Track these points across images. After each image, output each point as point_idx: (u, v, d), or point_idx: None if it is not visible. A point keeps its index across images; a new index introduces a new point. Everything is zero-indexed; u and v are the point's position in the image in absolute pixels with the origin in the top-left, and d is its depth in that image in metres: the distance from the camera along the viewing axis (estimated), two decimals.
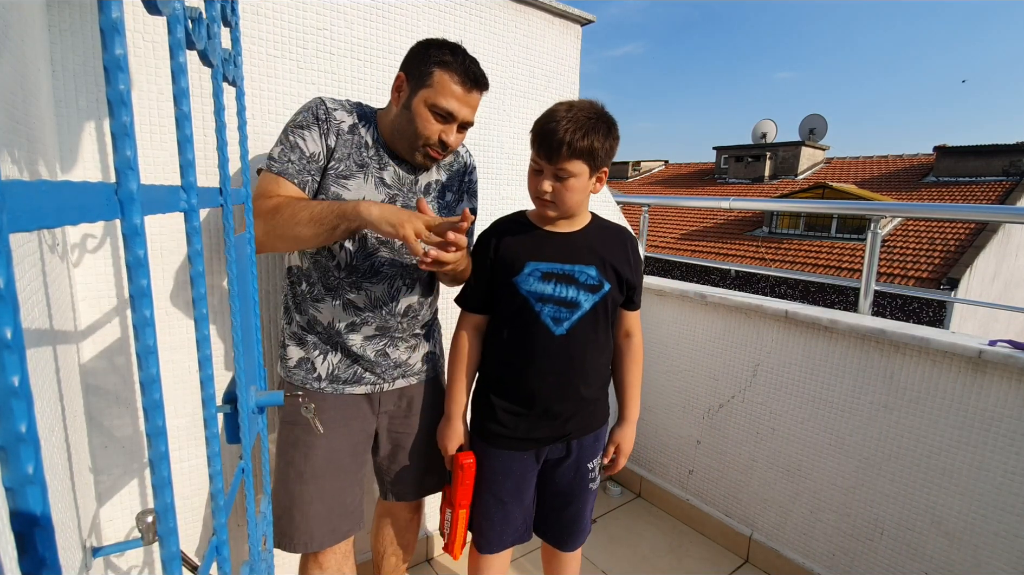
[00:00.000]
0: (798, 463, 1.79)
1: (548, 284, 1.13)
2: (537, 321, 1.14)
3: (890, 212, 1.84)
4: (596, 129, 1.06)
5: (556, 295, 1.13)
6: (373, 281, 1.15)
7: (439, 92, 1.06)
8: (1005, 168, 10.20)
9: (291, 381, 1.18)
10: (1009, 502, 1.36)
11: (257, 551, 0.82)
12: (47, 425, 0.74)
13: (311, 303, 1.16)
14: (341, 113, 1.11)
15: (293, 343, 1.18)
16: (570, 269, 1.14)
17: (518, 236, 1.17)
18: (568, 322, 1.14)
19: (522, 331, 1.16)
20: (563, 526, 1.31)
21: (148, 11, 0.41)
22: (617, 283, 1.18)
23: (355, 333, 1.17)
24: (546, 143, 1.06)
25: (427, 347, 1.30)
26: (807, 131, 14.07)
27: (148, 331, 0.36)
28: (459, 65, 1.06)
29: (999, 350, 1.36)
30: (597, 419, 1.26)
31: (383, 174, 1.15)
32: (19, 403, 0.22)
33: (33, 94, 0.83)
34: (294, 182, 1.06)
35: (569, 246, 1.16)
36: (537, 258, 1.14)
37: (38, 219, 0.24)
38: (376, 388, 1.22)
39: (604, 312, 1.17)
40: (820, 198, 10.16)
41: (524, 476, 1.24)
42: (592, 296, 1.15)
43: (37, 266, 0.76)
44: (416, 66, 1.08)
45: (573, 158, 1.05)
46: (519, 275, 1.14)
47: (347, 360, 1.18)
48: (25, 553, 0.23)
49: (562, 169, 1.06)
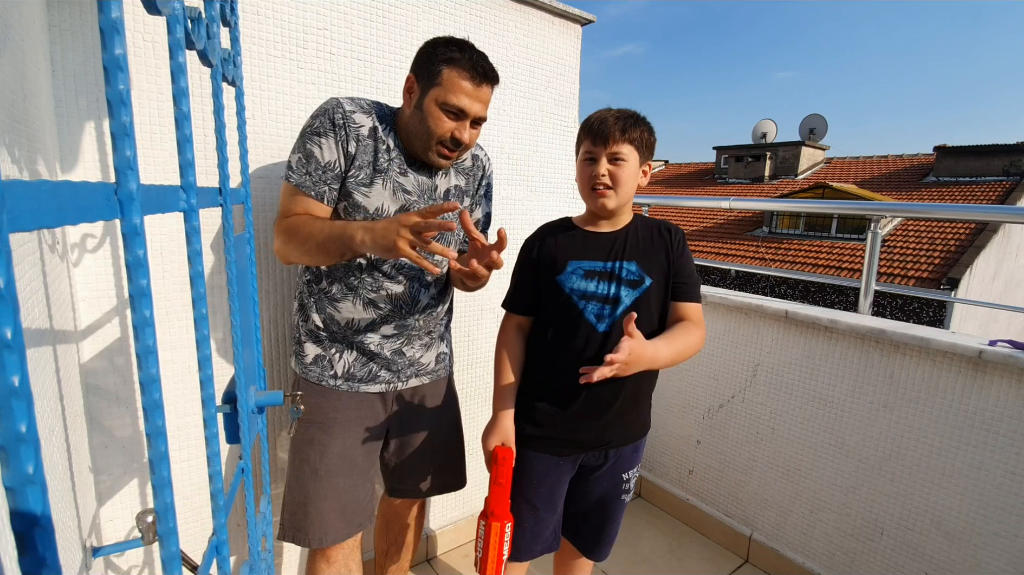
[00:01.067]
0: (798, 463, 1.79)
1: (591, 282, 1.15)
2: (580, 318, 1.15)
3: (890, 212, 1.84)
4: (642, 122, 1.14)
5: (598, 292, 1.15)
6: (395, 281, 1.16)
7: (449, 90, 1.06)
8: (1005, 168, 10.21)
9: (307, 378, 1.19)
10: (1009, 502, 1.36)
11: (257, 551, 0.82)
12: (47, 425, 0.74)
13: (329, 302, 1.16)
14: (360, 116, 1.10)
15: (309, 340, 1.19)
16: (611, 266, 1.15)
17: (560, 237, 1.20)
18: (610, 318, 1.14)
19: (566, 329, 1.16)
20: (593, 534, 1.30)
21: (148, 11, 0.41)
22: (662, 277, 1.17)
23: (374, 332, 1.18)
24: (602, 129, 1.11)
25: (440, 346, 1.31)
26: (807, 131, 14.07)
27: (148, 331, 0.36)
28: (467, 61, 1.06)
29: (999, 350, 1.36)
30: (637, 429, 1.24)
31: (403, 180, 1.14)
32: (19, 403, 0.22)
33: (33, 94, 0.83)
34: (311, 195, 1.07)
35: (610, 243, 1.17)
36: (579, 257, 1.17)
37: (38, 219, 0.24)
38: (390, 387, 1.23)
39: (647, 308, 1.16)
40: (820, 198, 10.16)
41: (559, 482, 1.23)
42: (633, 292, 1.14)
43: (37, 266, 0.76)
44: (425, 66, 1.08)
45: (626, 142, 1.11)
46: (562, 274, 1.16)
47: (363, 358, 1.19)
48: (25, 553, 0.23)
49: (617, 152, 1.11)
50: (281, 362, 1.42)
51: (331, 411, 1.18)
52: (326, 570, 1.21)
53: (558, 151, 1.89)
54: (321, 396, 1.18)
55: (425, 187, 1.17)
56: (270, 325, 1.39)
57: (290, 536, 1.18)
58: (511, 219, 1.81)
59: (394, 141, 1.14)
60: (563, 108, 1.87)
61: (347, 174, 1.10)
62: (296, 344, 1.22)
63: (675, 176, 16.98)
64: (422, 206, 1.16)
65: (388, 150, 1.13)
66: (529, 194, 1.85)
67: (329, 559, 1.20)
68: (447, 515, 1.92)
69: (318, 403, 1.18)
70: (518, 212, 1.83)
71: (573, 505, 1.29)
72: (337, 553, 1.21)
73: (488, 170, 1.32)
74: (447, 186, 1.22)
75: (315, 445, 1.17)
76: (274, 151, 1.32)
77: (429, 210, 0.93)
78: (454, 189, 1.23)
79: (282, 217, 1.09)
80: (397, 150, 1.14)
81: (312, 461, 1.17)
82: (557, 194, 1.93)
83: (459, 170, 1.25)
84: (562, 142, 1.90)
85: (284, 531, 1.20)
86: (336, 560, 1.21)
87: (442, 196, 1.20)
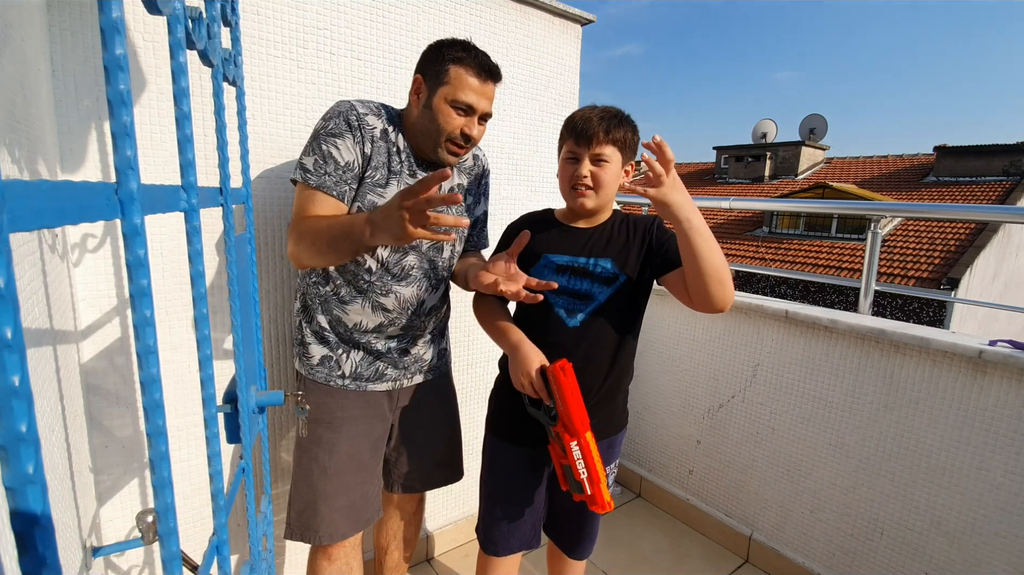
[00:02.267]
0: (798, 463, 1.79)
1: (562, 277, 1.15)
2: (551, 312, 1.15)
3: (890, 212, 1.84)
4: (626, 122, 1.12)
5: (569, 287, 1.15)
6: (403, 284, 1.17)
7: (457, 87, 1.09)
8: (1005, 168, 10.21)
9: (314, 379, 1.19)
10: (1009, 502, 1.36)
11: (258, 551, 0.82)
12: (47, 425, 0.74)
13: (337, 304, 1.17)
14: (372, 118, 1.12)
15: (315, 341, 1.19)
16: (584, 262, 1.15)
17: (539, 229, 1.20)
18: (582, 314, 1.14)
19: (536, 322, 1.17)
20: (572, 531, 1.31)
21: (148, 11, 0.41)
22: (636, 271, 1.14)
23: (380, 334, 1.19)
24: (585, 130, 1.10)
25: (441, 343, 1.34)
26: (807, 131, 14.07)
27: (148, 331, 0.36)
28: (473, 59, 1.09)
29: (999, 350, 1.36)
30: (614, 424, 1.24)
31: (412, 181, 1.16)
32: (19, 403, 0.22)
33: (34, 94, 0.83)
34: (333, 195, 1.07)
35: (586, 239, 1.17)
36: (553, 251, 1.17)
37: (38, 219, 0.24)
38: (397, 385, 1.24)
39: (621, 305, 1.15)
40: (820, 198, 10.16)
41: (535, 474, 1.24)
42: (607, 288, 1.14)
43: (37, 266, 0.76)
44: (432, 66, 1.11)
45: (609, 143, 1.10)
46: (535, 267, 1.17)
47: (369, 358, 1.20)
48: (25, 553, 0.23)
49: (599, 153, 1.10)
50: (281, 362, 1.42)
51: (339, 410, 1.18)
52: (328, 568, 1.22)
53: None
54: (328, 396, 1.18)
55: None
56: (270, 325, 1.39)
57: (299, 535, 1.19)
58: (511, 219, 1.80)
59: (403, 142, 1.16)
60: (563, 108, 1.87)
61: (364, 174, 1.11)
62: (299, 345, 1.22)
63: None
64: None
65: (399, 151, 1.15)
66: (529, 194, 1.85)
67: (331, 557, 1.21)
68: (447, 515, 1.93)
69: (325, 403, 1.18)
70: (518, 212, 1.81)
71: (553, 503, 1.30)
72: (339, 551, 1.21)
73: (487, 168, 1.36)
74: (451, 185, 1.25)
75: (323, 444, 1.18)
76: (274, 151, 1.32)
77: (423, 182, 0.87)
78: (458, 188, 1.27)
79: (297, 220, 1.07)
80: (406, 151, 1.16)
81: (321, 460, 1.18)
82: (557, 194, 1.92)
83: (462, 170, 1.28)
84: None
85: (292, 530, 1.20)
86: (338, 558, 1.22)
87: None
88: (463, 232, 1.30)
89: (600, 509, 1.08)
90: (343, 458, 1.18)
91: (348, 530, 1.20)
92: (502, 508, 1.25)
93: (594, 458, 1.04)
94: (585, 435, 1.04)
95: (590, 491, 1.06)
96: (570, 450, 1.05)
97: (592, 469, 1.04)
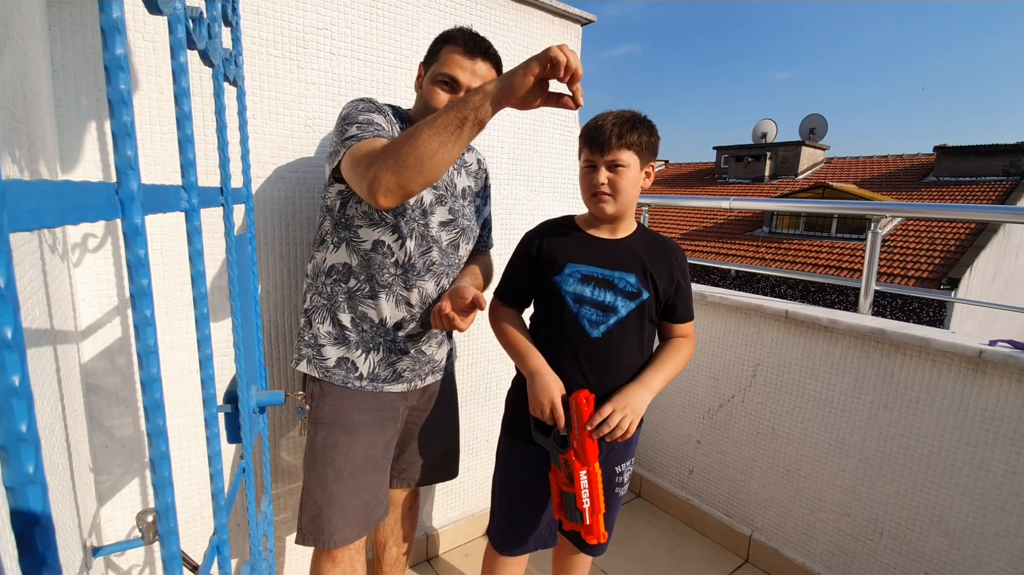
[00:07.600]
0: (798, 463, 1.79)
1: (587, 287, 1.16)
2: (574, 321, 1.16)
3: (890, 212, 1.84)
4: (641, 124, 1.14)
5: (594, 298, 1.16)
6: (426, 278, 1.18)
7: (443, 63, 1.11)
8: (1005, 168, 10.20)
9: (330, 381, 1.17)
10: (1009, 502, 1.36)
11: (258, 550, 0.82)
12: (47, 425, 0.74)
13: (361, 300, 1.16)
14: (389, 114, 1.14)
15: (330, 343, 1.18)
16: (609, 274, 1.16)
17: (562, 238, 1.21)
18: (604, 326, 1.15)
19: (559, 330, 1.17)
20: None
21: (149, 11, 0.41)
22: (658, 293, 1.18)
23: (402, 330, 1.19)
24: (598, 137, 1.12)
25: (449, 344, 1.35)
26: (807, 131, 14.07)
27: (149, 331, 0.36)
28: (461, 36, 1.11)
29: (999, 350, 1.36)
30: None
31: None
32: (19, 403, 0.22)
33: (34, 93, 0.83)
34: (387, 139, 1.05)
35: (611, 252, 1.18)
36: (578, 260, 1.17)
37: (39, 219, 0.24)
38: (411, 386, 1.24)
39: (641, 320, 1.17)
40: (820, 198, 10.15)
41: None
42: (629, 303, 1.16)
43: (37, 266, 0.76)
44: (429, 54, 1.16)
45: (624, 148, 1.11)
46: (560, 275, 1.17)
47: (388, 358, 1.20)
48: (25, 553, 0.23)
49: (615, 159, 1.11)
50: (281, 362, 1.42)
51: (356, 413, 1.18)
52: (331, 570, 1.20)
53: (558, 151, 1.89)
54: (346, 399, 1.17)
55: (448, 184, 1.21)
56: (270, 325, 1.39)
57: (311, 540, 1.17)
58: (511, 219, 1.81)
59: None
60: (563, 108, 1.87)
61: None
62: (309, 348, 1.19)
63: (675, 176, 16.98)
64: (448, 201, 1.20)
65: None
66: (529, 194, 1.85)
67: (335, 560, 1.20)
68: (447, 515, 1.93)
69: (342, 405, 1.17)
70: (518, 212, 1.83)
71: None
72: (343, 554, 1.21)
73: (488, 173, 1.38)
74: (463, 185, 1.26)
75: (339, 448, 1.16)
76: (275, 151, 1.32)
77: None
78: (467, 190, 1.28)
79: (369, 157, 0.93)
80: None
81: (337, 464, 1.16)
82: (557, 194, 1.93)
83: (469, 172, 1.29)
84: (562, 142, 1.90)
85: (304, 535, 1.18)
86: (342, 561, 1.21)
87: (459, 194, 1.24)
88: (474, 233, 1.29)
89: (595, 539, 1.10)
90: (359, 461, 1.18)
91: (359, 532, 1.20)
92: (520, 508, 1.25)
93: (599, 489, 1.07)
94: (595, 465, 1.07)
95: (589, 521, 1.08)
96: (578, 479, 1.07)
97: (595, 499, 1.07)
